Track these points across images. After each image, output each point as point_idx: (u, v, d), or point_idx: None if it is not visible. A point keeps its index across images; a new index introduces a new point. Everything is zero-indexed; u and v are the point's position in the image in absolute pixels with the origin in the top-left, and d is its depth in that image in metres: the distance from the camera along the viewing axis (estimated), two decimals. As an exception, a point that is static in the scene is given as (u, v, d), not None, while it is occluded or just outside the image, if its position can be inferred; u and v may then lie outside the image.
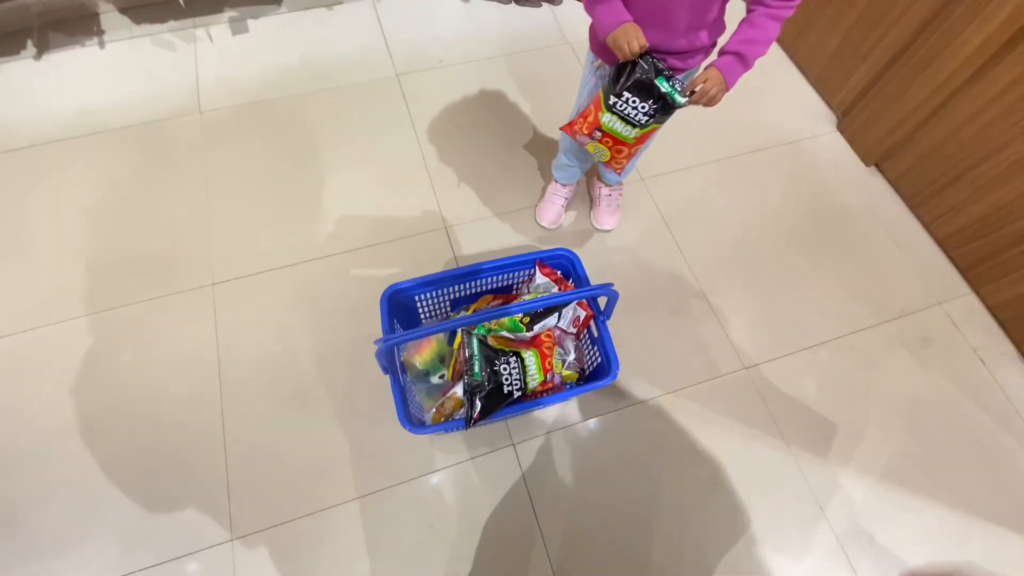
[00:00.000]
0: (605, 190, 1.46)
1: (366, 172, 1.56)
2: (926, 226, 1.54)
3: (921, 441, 1.25)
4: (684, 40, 0.92)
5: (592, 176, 1.52)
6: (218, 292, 1.35)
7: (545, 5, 1.96)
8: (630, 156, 1.06)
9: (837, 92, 1.73)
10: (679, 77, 0.92)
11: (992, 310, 1.43)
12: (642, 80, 0.90)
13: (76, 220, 1.43)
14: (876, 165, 1.65)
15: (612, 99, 0.94)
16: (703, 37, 0.93)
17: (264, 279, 1.37)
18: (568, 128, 1.06)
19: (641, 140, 1.01)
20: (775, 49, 1.90)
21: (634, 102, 0.92)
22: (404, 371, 1.13)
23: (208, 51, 1.79)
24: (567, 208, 1.50)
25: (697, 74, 0.94)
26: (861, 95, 1.63)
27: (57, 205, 1.45)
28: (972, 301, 1.45)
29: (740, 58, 0.90)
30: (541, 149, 1.62)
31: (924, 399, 1.31)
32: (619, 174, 1.33)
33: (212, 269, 1.38)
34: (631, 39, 0.86)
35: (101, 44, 1.80)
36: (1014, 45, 1.22)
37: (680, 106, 0.91)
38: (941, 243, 1.51)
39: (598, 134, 1.01)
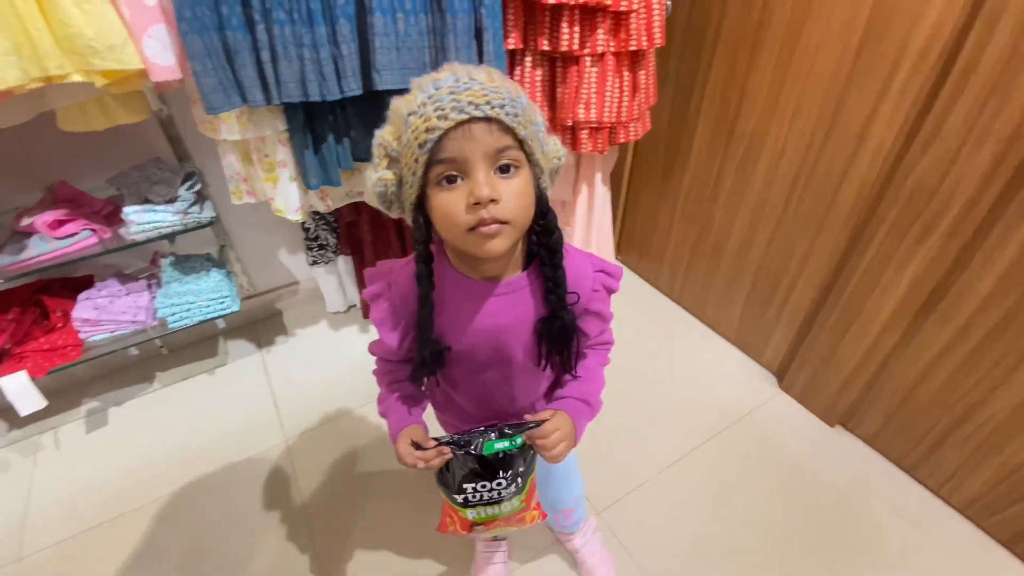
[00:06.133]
0: (578, 540, 1.14)
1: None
2: (937, 493, 1.30)
3: None
4: (517, 411, 0.75)
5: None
6: None
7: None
8: (537, 507, 0.77)
9: (762, 353, 1.65)
10: (513, 425, 0.67)
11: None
12: (472, 469, 0.66)
13: None
14: (842, 425, 1.47)
15: (458, 497, 0.69)
16: (540, 399, 0.78)
17: None
18: (443, 529, 0.78)
19: (531, 495, 0.74)
20: (683, 313, 1.89)
21: (484, 487, 0.67)
22: None
23: (50, 463, 1.46)
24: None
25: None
26: (789, 355, 1.55)
27: None
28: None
29: (587, 405, 0.72)
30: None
31: None
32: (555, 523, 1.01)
33: None
34: (405, 456, 0.65)
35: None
36: (931, 308, 1.17)
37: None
38: (965, 514, 1.25)
39: (480, 528, 0.73)
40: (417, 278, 0.58)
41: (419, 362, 0.63)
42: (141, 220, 1.20)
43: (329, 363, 1.73)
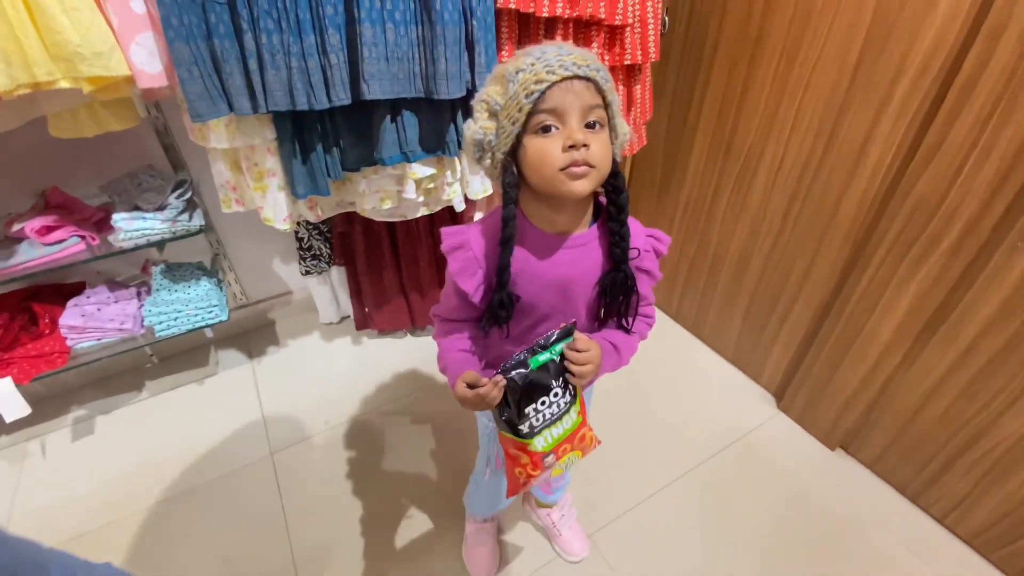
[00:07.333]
0: (556, 514, 1.20)
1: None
2: (942, 522, 1.25)
3: None
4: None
5: (531, 508, 1.26)
6: None
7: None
8: (588, 426, 0.78)
9: (760, 373, 1.61)
10: (545, 337, 0.70)
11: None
12: (527, 388, 0.68)
13: None
14: (843, 448, 1.43)
15: (523, 427, 0.70)
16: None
17: None
18: (515, 490, 0.77)
19: (584, 407, 0.76)
20: (680, 331, 1.86)
21: (543, 403, 0.70)
22: None
23: (36, 471, 1.45)
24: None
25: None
26: (788, 375, 1.51)
27: None
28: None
29: (617, 352, 0.77)
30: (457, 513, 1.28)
31: None
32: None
33: None
34: (466, 396, 0.68)
35: None
36: (933, 330, 1.13)
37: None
38: (972, 545, 1.20)
39: (551, 459, 0.73)
40: (504, 219, 0.64)
41: (496, 304, 0.69)
42: (129, 227, 1.19)
43: (320, 375, 1.70)
